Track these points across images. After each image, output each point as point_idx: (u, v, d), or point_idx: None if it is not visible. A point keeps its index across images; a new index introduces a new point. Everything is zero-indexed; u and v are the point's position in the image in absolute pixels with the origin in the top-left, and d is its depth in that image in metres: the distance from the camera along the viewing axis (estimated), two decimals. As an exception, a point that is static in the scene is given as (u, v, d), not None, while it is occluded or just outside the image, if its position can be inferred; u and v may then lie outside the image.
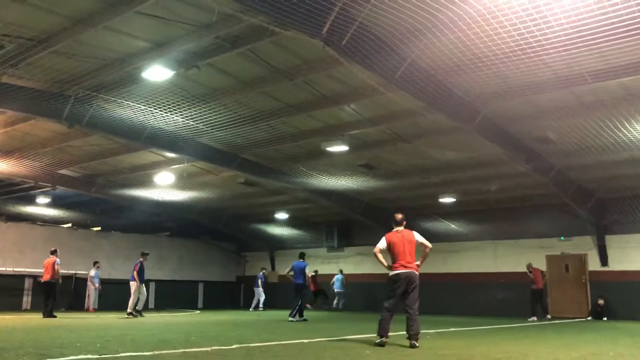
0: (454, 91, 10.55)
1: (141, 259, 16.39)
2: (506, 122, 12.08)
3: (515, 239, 19.63)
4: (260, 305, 22.71)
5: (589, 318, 17.76)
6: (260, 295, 22.86)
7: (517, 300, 18.20)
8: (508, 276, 18.88)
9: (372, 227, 22.75)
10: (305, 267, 15.11)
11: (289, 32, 8.04)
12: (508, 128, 12.41)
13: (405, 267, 7.96)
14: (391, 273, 8.02)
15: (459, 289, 20.04)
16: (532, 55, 8.71)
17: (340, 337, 9.25)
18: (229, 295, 27.10)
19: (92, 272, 20.87)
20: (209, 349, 7.15)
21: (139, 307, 16.19)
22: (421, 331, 7.96)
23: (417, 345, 7.60)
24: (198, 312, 21.84)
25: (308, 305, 21.27)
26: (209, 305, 25.73)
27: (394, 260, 8.07)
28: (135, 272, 16.01)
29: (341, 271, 23.40)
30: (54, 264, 15.39)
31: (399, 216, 8.40)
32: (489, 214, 20.07)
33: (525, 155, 13.58)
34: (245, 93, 11.16)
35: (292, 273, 14.99)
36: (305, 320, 14.48)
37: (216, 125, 12.62)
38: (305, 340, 8.62)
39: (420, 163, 15.35)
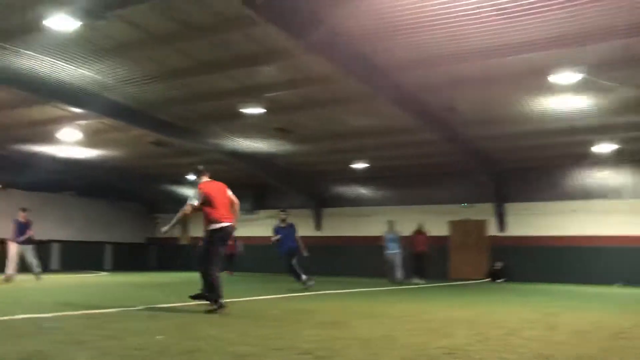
0: (370, 58, 10.66)
1: (19, 217, 14.54)
2: (418, 91, 12.39)
3: (421, 205, 20.43)
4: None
5: (487, 280, 18.98)
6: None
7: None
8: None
9: (286, 191, 22.96)
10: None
11: (205, -13, 7.79)
12: (420, 96, 12.75)
13: (230, 219, 7.19)
14: (218, 225, 7.07)
15: (368, 252, 20.66)
16: (448, 25, 8.92)
17: (253, 297, 9.35)
18: (138, 256, 26.51)
19: None
20: (112, 310, 7.02)
21: (36, 270, 14.41)
22: (332, 291, 8.20)
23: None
24: (105, 273, 21.26)
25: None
26: (117, 267, 25.07)
27: (216, 211, 7.13)
28: (14, 232, 14.39)
29: (391, 223, 17.23)
30: None
31: (201, 166, 7.75)
32: (398, 180, 20.83)
33: (434, 123, 14.08)
34: (158, 49, 10.71)
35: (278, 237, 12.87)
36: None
37: (126, 80, 12.06)
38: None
39: (335, 128, 15.51)
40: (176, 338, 4.80)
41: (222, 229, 7.08)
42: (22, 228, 14.51)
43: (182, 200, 26.39)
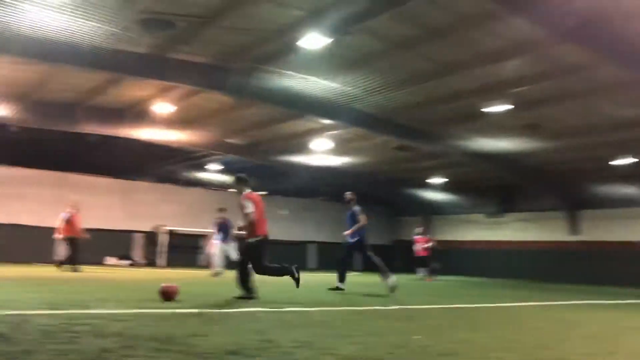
0: (633, 40, 9.44)
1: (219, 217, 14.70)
2: (697, 71, 10.58)
3: None
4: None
5: None
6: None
7: None
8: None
9: (536, 192, 21.55)
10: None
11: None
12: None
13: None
14: (262, 236, 7.45)
15: (637, 259, 18.21)
16: None
17: (506, 304, 8.96)
18: (385, 258, 27.42)
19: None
20: (369, 308, 7.34)
21: (216, 268, 14.43)
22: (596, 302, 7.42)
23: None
24: (355, 273, 22.45)
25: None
26: (366, 267, 26.24)
27: (262, 221, 7.52)
28: (217, 230, 14.63)
29: None
30: None
31: (245, 175, 7.81)
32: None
33: None
34: (398, 56, 11.02)
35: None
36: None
37: (370, 90, 12.65)
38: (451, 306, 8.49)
39: (592, 121, 14.07)
40: (433, 339, 4.79)
41: (266, 237, 7.50)
42: (219, 227, 14.61)
43: (424, 204, 26.44)
